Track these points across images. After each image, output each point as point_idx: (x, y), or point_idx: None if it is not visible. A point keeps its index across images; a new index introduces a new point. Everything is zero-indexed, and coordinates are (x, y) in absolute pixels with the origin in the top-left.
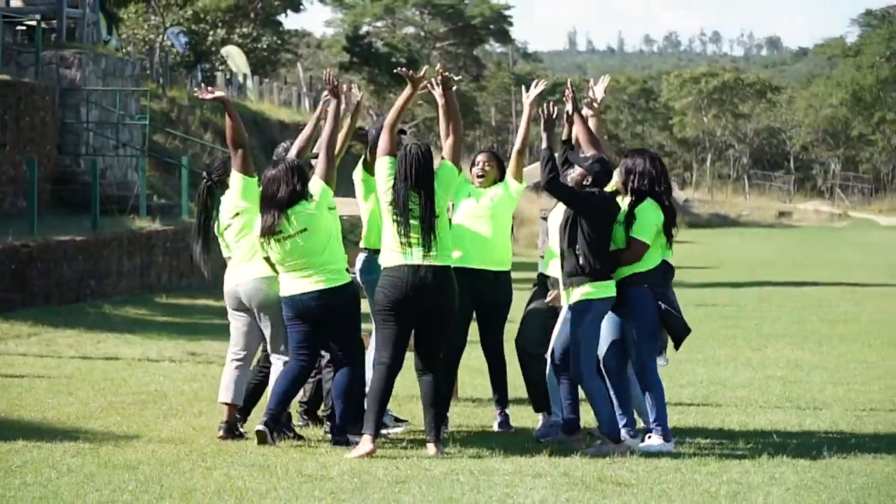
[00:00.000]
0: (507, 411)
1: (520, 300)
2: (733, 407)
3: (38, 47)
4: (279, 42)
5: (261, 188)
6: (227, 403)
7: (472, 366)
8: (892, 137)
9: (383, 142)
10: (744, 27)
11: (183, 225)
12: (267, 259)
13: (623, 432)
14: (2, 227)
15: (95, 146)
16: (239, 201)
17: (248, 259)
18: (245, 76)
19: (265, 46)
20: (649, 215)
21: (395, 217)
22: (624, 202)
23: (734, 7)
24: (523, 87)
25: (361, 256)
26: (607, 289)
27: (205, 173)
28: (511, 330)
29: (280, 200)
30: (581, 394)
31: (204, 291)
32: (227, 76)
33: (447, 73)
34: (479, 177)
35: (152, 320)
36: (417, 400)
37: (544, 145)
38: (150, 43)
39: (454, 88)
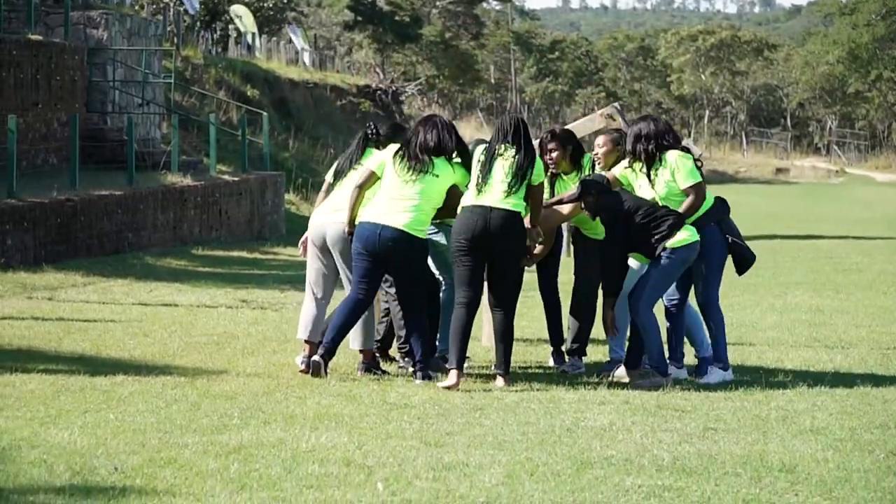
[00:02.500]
0: (562, 348)
1: None
2: (766, 346)
3: (67, 8)
4: (285, 1)
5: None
6: (306, 341)
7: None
8: (888, 94)
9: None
10: None
11: (212, 181)
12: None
13: (673, 367)
14: (41, 183)
15: (121, 104)
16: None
17: (343, 205)
18: (253, 35)
19: (271, 5)
20: (683, 160)
21: (480, 160)
22: (641, 169)
23: None
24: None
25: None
26: (692, 234)
27: (371, 124)
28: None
29: (433, 147)
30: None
31: (235, 244)
32: (236, 35)
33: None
34: (551, 165)
35: (194, 271)
36: (475, 339)
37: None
38: (159, 2)
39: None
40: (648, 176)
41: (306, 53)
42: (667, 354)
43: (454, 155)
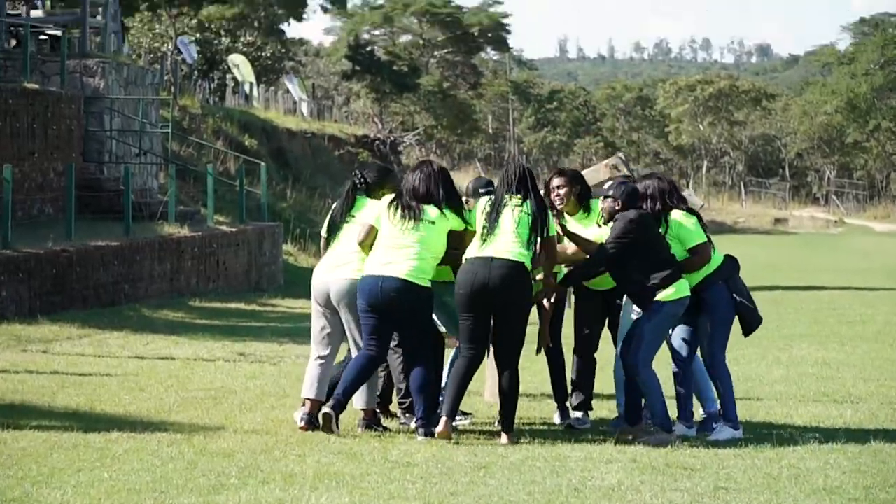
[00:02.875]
0: (566, 404)
1: None
2: (774, 401)
3: (63, 57)
4: (283, 51)
5: (405, 184)
6: (310, 399)
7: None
8: (887, 144)
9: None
10: (734, 35)
11: (209, 231)
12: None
13: (682, 426)
14: (36, 233)
15: (118, 154)
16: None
17: (345, 260)
18: (251, 85)
19: (269, 55)
20: (687, 220)
21: (485, 212)
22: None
23: (724, 15)
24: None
25: None
26: (682, 289)
27: (357, 173)
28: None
29: (422, 194)
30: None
31: (233, 296)
32: (234, 85)
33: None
34: (558, 203)
35: (191, 323)
36: (477, 395)
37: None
38: (156, 52)
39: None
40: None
41: (304, 103)
42: (676, 413)
43: (443, 204)
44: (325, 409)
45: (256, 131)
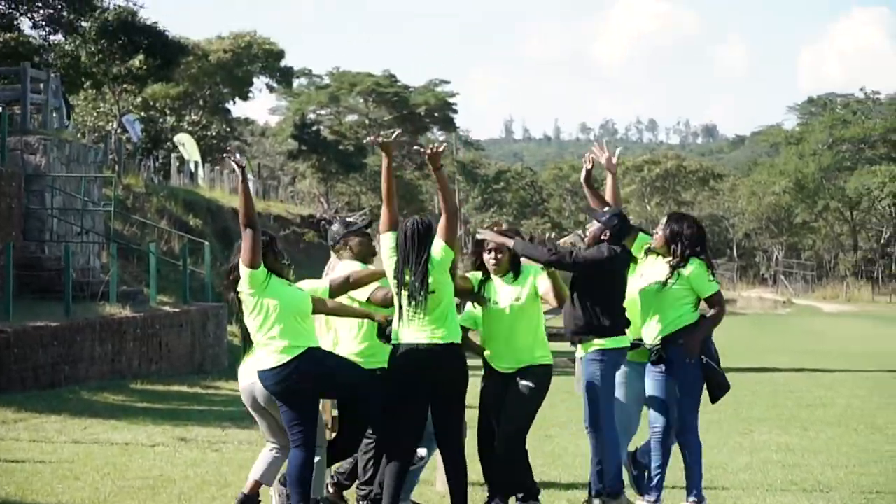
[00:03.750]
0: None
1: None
2: (741, 490)
3: (4, 134)
4: (228, 130)
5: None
6: (256, 480)
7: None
8: (835, 224)
9: (384, 216)
10: (680, 115)
11: (152, 312)
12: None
13: (653, 495)
14: None
15: (59, 232)
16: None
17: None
18: (196, 164)
19: (214, 134)
20: (703, 271)
21: (396, 291)
22: (662, 262)
23: (670, 95)
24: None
25: None
26: (620, 340)
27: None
28: None
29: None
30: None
31: (176, 378)
32: (179, 164)
33: (430, 149)
34: (493, 264)
35: (132, 406)
36: (428, 484)
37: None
38: (100, 130)
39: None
40: (668, 279)
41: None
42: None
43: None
44: None
45: (201, 210)
